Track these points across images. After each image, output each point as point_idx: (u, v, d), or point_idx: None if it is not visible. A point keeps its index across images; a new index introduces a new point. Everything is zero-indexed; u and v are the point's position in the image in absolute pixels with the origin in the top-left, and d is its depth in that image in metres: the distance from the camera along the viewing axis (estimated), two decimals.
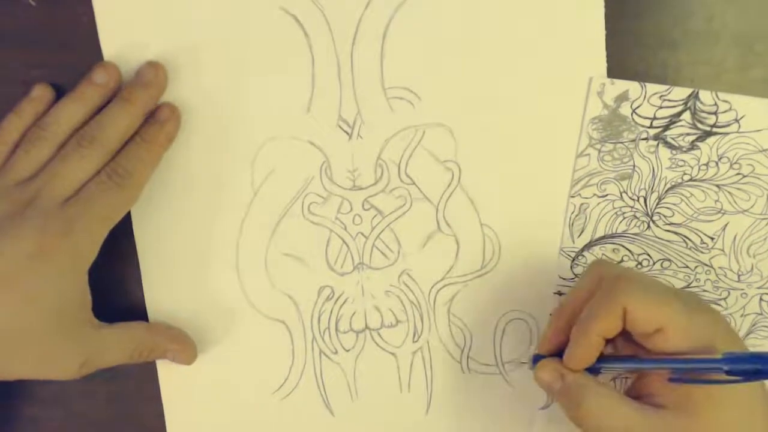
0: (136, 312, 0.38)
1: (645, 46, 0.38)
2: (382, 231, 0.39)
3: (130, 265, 0.38)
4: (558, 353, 0.34)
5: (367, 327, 0.39)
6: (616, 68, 0.38)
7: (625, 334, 0.32)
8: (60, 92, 0.36)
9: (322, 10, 0.36)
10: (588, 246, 0.40)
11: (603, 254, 0.40)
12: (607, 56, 0.38)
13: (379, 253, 0.39)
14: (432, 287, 0.39)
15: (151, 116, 0.36)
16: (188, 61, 0.37)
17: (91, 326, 0.35)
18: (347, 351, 0.39)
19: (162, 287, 0.38)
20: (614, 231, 0.39)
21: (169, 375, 0.39)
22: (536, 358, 0.35)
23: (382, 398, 0.40)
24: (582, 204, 0.39)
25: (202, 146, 0.37)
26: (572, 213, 0.39)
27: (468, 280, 0.39)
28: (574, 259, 0.40)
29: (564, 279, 0.40)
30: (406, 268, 0.39)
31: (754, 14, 0.39)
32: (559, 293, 0.40)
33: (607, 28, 0.38)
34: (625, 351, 0.34)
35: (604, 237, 0.39)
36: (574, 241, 0.39)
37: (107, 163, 0.34)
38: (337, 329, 0.39)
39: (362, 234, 0.39)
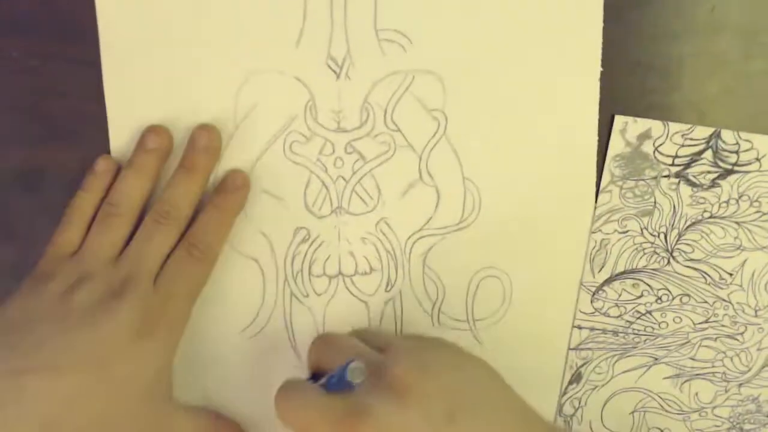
0: None
1: (647, 37, 0.38)
2: (363, 176, 0.38)
3: None
4: None
5: (340, 273, 0.39)
6: (618, 59, 0.38)
7: None
8: (61, 87, 0.36)
9: None
10: (608, 281, 0.40)
11: (623, 289, 0.40)
12: (609, 47, 0.38)
13: (359, 199, 0.38)
14: (409, 237, 0.39)
15: (222, 183, 0.37)
16: None
17: (171, 404, 0.35)
18: (319, 295, 0.39)
19: None
20: (635, 266, 0.40)
21: None
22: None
23: None
24: (603, 239, 0.40)
25: (186, 73, 0.36)
26: (593, 248, 0.40)
27: (446, 233, 0.39)
28: (594, 293, 0.40)
29: (584, 313, 0.40)
30: (384, 216, 0.39)
31: (757, 5, 0.38)
32: (579, 327, 0.40)
33: (608, 19, 0.37)
34: None
35: (624, 272, 0.40)
36: (594, 276, 0.40)
37: (183, 232, 0.35)
38: (310, 272, 0.39)
39: (343, 178, 0.38)
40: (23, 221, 0.38)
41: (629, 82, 0.38)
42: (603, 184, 0.39)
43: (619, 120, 0.38)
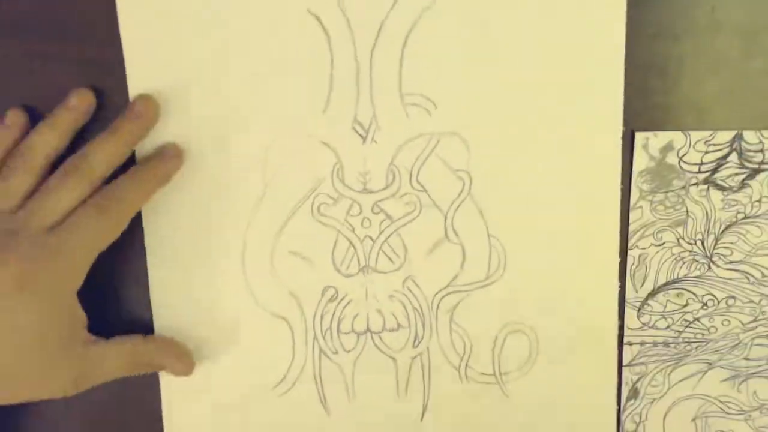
0: (141, 305, 0.39)
1: (647, 37, 0.38)
2: (389, 235, 0.39)
3: (137, 255, 0.38)
4: None
5: (368, 329, 0.40)
6: None
7: None
8: (61, 87, 0.36)
9: (344, 12, 0.36)
10: (652, 294, 0.41)
11: (668, 300, 0.41)
12: None
13: (386, 258, 0.39)
14: (436, 294, 0.39)
15: (156, 150, 0.36)
16: (209, 52, 0.36)
17: (84, 343, 0.35)
18: (347, 352, 0.40)
19: (168, 279, 0.38)
20: (676, 276, 0.40)
21: None
22: None
23: (379, 401, 0.40)
24: (641, 254, 0.40)
25: (216, 139, 0.37)
26: (632, 264, 0.40)
27: (472, 289, 0.39)
28: (639, 309, 0.41)
29: (632, 329, 0.41)
30: (411, 274, 0.39)
31: (757, 5, 0.38)
32: (629, 343, 0.41)
33: None
34: None
35: (666, 284, 0.41)
36: (637, 292, 0.40)
37: (95, 191, 0.34)
38: (338, 330, 0.39)
39: (370, 237, 0.39)
40: None
41: (629, 82, 0.38)
42: (633, 200, 0.39)
43: (639, 136, 0.39)
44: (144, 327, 0.39)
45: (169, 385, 0.39)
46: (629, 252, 0.40)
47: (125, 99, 0.36)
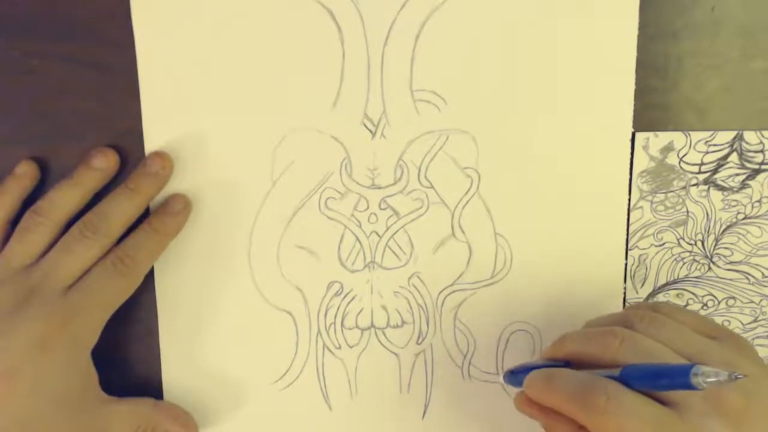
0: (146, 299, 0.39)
1: (646, 36, 0.38)
2: (396, 232, 0.39)
3: None
4: None
5: (372, 325, 0.40)
6: None
7: None
8: (61, 87, 0.36)
9: (357, 7, 0.36)
10: (652, 294, 0.41)
11: (668, 300, 0.41)
12: None
13: (392, 254, 0.39)
14: (441, 292, 0.39)
15: (162, 206, 0.37)
16: (219, 45, 0.36)
17: (99, 402, 0.35)
18: (351, 347, 0.40)
19: (173, 270, 0.38)
20: (676, 277, 0.41)
21: (171, 357, 0.39)
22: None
23: (381, 397, 0.40)
24: (641, 255, 0.40)
25: (225, 131, 0.37)
26: (632, 265, 0.40)
27: (477, 287, 0.39)
28: None
29: None
30: (416, 271, 0.39)
31: (757, 5, 0.38)
32: None
33: None
34: None
35: (666, 284, 0.41)
36: (637, 292, 0.41)
37: (110, 249, 0.35)
38: (342, 325, 0.39)
39: (376, 233, 0.39)
40: None
41: None
42: (633, 201, 0.39)
43: (640, 137, 0.39)
44: (145, 323, 0.39)
45: (170, 379, 0.39)
46: (629, 252, 0.40)
47: (126, 100, 0.36)
